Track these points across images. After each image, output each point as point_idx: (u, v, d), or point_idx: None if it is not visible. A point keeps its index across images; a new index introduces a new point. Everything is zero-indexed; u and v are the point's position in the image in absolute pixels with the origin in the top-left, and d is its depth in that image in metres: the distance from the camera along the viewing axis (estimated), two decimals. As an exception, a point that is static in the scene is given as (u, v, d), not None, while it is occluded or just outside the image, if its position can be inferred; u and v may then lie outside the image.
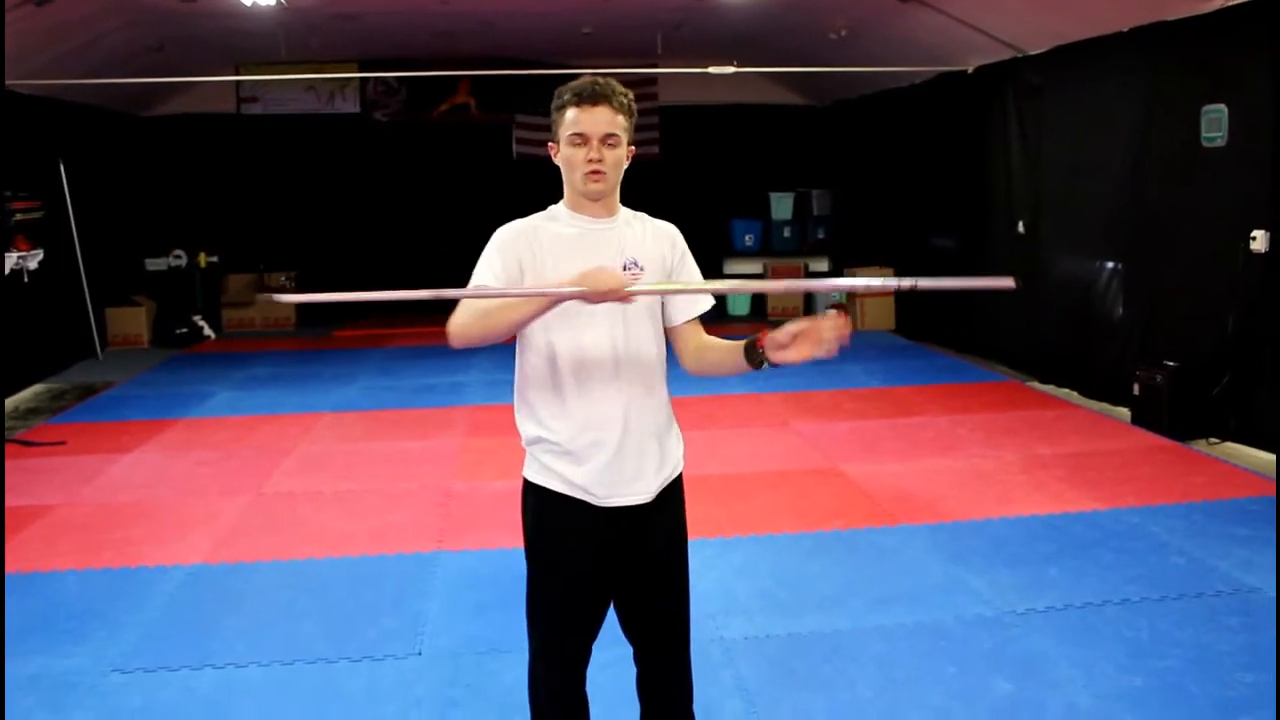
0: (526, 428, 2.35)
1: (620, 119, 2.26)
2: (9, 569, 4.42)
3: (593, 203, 2.30)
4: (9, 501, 5.35)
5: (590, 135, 2.24)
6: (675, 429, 2.43)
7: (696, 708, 2.54)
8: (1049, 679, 3.29)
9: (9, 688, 3.36)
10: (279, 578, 4.31)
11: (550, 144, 2.35)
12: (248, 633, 3.77)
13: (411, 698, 3.26)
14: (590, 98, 2.24)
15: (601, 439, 2.27)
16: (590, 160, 2.24)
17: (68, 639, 3.76)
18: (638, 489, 2.31)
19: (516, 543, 3.87)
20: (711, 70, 8.29)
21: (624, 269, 2.26)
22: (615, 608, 2.43)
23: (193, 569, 4.40)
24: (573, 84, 2.29)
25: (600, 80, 2.27)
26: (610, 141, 2.25)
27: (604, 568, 2.35)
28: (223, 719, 3.19)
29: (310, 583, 4.24)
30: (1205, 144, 6.03)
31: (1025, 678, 3.30)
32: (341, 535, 4.77)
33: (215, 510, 5.16)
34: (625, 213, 2.38)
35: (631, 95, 2.32)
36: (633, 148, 2.33)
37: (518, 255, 2.27)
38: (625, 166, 2.32)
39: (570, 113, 2.26)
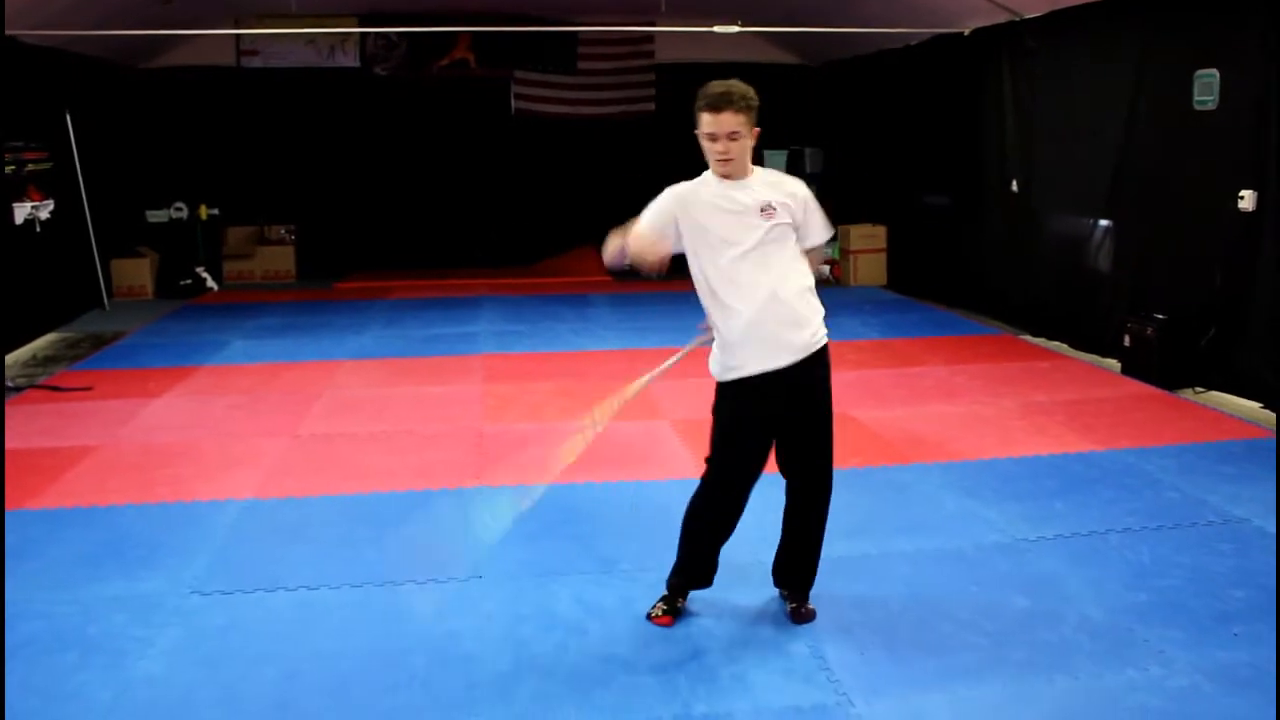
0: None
1: (741, 117, 3.03)
2: (62, 503, 4.64)
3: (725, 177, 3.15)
4: (48, 442, 5.55)
5: (718, 134, 3.05)
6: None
7: (746, 629, 3.17)
8: (1063, 595, 3.61)
9: (91, 608, 3.60)
10: (332, 510, 4.54)
11: (697, 130, 3.12)
12: (312, 560, 4.00)
13: (482, 614, 3.53)
14: (715, 106, 3.02)
15: None
16: (718, 152, 3.08)
17: (141, 565, 3.98)
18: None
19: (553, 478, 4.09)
20: (716, 29, 8.46)
21: (760, 210, 3.10)
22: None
23: (247, 503, 4.63)
24: (707, 90, 3.05)
25: (724, 89, 3.02)
26: (733, 136, 3.05)
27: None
28: (307, 634, 3.42)
29: (363, 514, 4.48)
30: (1197, 107, 6.31)
31: (1041, 594, 3.62)
32: (385, 471, 5.01)
33: (256, 450, 5.38)
34: (760, 173, 3.21)
35: (752, 92, 3.02)
36: (756, 129, 3.12)
37: (672, 212, 3.17)
38: (753, 144, 3.13)
39: (704, 116, 3.05)
